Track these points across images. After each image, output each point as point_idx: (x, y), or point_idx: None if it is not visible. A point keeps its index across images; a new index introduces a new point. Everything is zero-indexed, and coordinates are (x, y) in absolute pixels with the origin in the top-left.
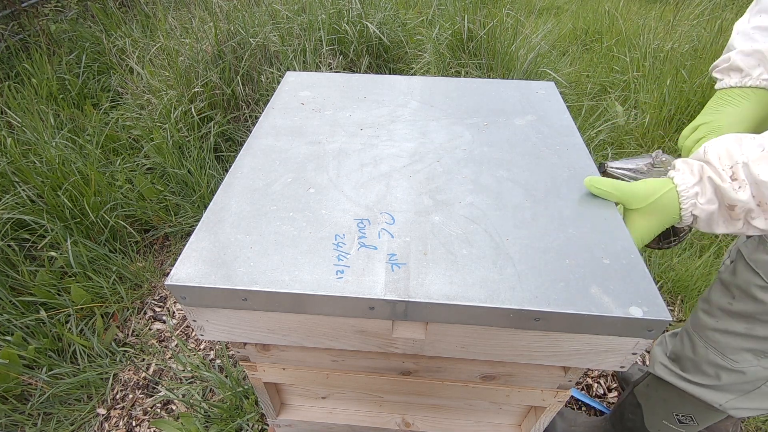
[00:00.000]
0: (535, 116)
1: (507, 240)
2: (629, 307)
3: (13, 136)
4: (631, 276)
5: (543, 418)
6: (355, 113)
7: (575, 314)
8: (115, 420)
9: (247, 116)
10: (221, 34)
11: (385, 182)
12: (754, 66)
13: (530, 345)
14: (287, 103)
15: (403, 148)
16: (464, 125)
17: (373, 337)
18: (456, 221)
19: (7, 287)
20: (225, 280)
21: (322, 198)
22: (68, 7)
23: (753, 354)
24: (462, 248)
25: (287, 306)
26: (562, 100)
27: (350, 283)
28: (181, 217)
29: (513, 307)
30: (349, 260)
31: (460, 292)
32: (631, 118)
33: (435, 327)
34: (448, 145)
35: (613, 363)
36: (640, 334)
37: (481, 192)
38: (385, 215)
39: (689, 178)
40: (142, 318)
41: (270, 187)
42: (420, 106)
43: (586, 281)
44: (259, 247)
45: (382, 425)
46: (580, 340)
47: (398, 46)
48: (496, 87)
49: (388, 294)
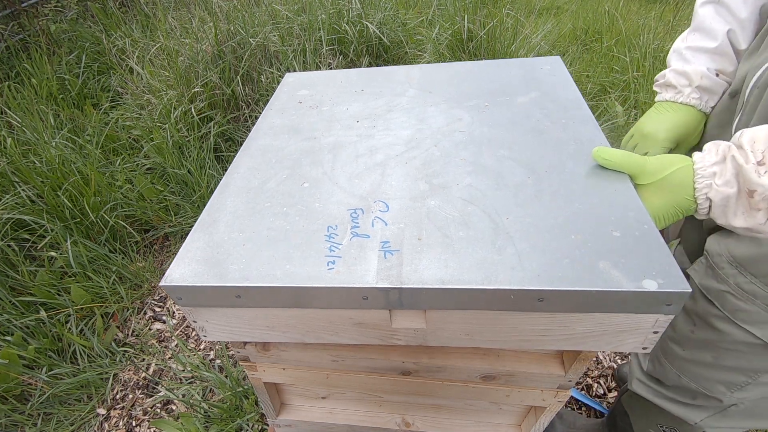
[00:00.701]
0: (540, 92)
1: (507, 219)
2: (642, 281)
3: (13, 136)
4: (645, 247)
5: (543, 418)
6: (352, 106)
7: (580, 291)
8: (115, 420)
9: (247, 116)
10: (221, 34)
11: (380, 171)
12: (685, 85)
13: (538, 329)
14: (285, 103)
15: (399, 135)
16: (464, 108)
17: (373, 329)
18: (453, 204)
19: (7, 287)
20: (217, 278)
21: (316, 191)
22: (68, 7)
23: (725, 386)
24: (458, 231)
25: (281, 301)
26: (568, 73)
27: (341, 274)
28: (181, 217)
29: (513, 288)
30: (341, 250)
31: (456, 276)
32: (631, 118)
33: (434, 314)
34: (446, 129)
35: (634, 344)
36: (658, 310)
37: (481, 173)
38: (379, 203)
39: (710, 157)
40: (142, 318)
41: (265, 185)
42: (418, 93)
43: (593, 256)
44: (252, 244)
45: (382, 425)
46: (592, 321)
47: (398, 46)
48: (497, 67)
49: (380, 282)
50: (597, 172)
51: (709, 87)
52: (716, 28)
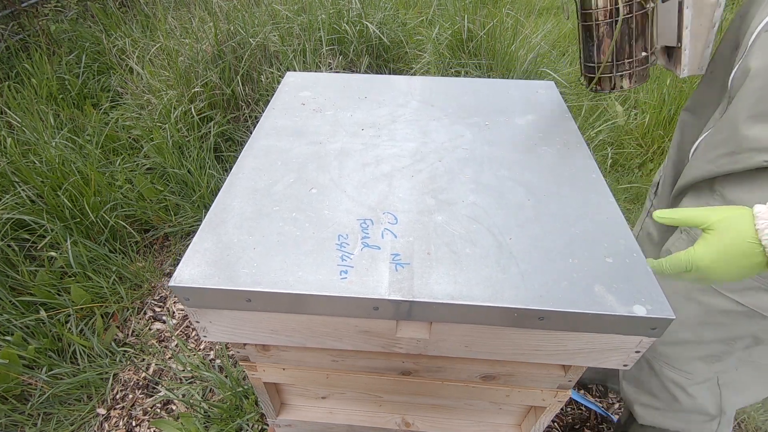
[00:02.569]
0: (536, 115)
1: (510, 239)
2: (633, 306)
3: (13, 136)
4: (634, 274)
5: (543, 418)
6: (356, 113)
7: (580, 313)
8: (115, 420)
9: (247, 116)
10: (221, 34)
11: (387, 182)
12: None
13: (534, 344)
14: (288, 104)
15: (404, 147)
16: (465, 125)
17: (377, 337)
18: (459, 221)
19: (7, 287)
20: (229, 282)
21: (325, 198)
22: (68, 7)
23: (704, 362)
24: (465, 247)
25: (291, 307)
26: (562, 99)
27: (354, 284)
28: (181, 217)
29: (517, 307)
30: (353, 260)
31: (465, 292)
32: (631, 118)
33: (439, 326)
34: (449, 145)
35: (617, 361)
36: (643, 333)
37: (483, 191)
38: (388, 215)
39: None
40: (142, 318)
41: (272, 188)
42: (420, 105)
43: (589, 280)
44: (262, 248)
45: (382, 425)
46: (584, 339)
47: (398, 46)
48: (496, 86)
49: (392, 294)
50: (589, 198)
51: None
52: None
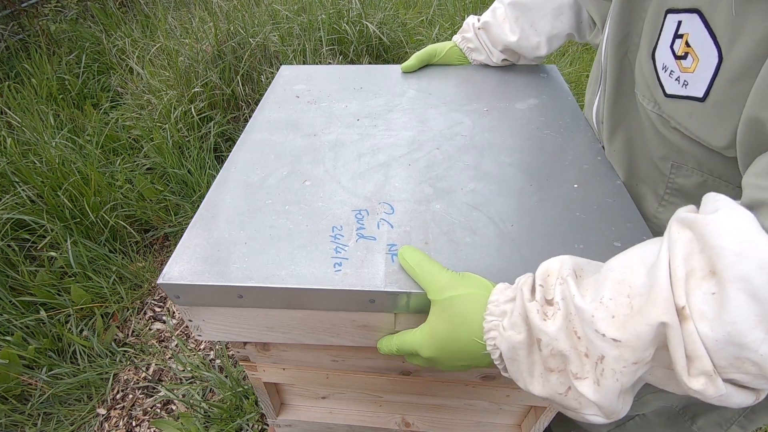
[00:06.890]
0: (538, 100)
1: (512, 226)
2: None
3: (13, 136)
4: None
5: (543, 418)
6: (352, 104)
7: None
8: (115, 420)
9: (247, 116)
10: (221, 34)
11: (383, 172)
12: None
13: None
14: (282, 97)
15: (401, 136)
16: (464, 112)
17: (376, 332)
18: (458, 209)
19: (7, 287)
20: (219, 277)
21: (319, 190)
22: (68, 7)
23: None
24: (465, 236)
25: (285, 302)
26: (564, 82)
27: (349, 276)
28: (181, 217)
29: None
30: (347, 252)
31: None
32: None
33: None
34: (447, 132)
35: None
36: None
37: (484, 178)
38: (384, 205)
39: (509, 291)
40: (142, 318)
41: (265, 182)
42: (417, 94)
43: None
44: (254, 242)
45: (382, 425)
46: None
47: (398, 46)
48: (496, 73)
49: (388, 286)
50: (595, 182)
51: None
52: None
